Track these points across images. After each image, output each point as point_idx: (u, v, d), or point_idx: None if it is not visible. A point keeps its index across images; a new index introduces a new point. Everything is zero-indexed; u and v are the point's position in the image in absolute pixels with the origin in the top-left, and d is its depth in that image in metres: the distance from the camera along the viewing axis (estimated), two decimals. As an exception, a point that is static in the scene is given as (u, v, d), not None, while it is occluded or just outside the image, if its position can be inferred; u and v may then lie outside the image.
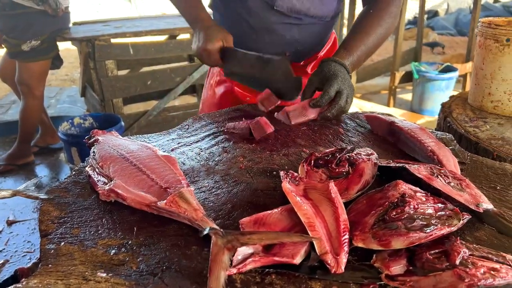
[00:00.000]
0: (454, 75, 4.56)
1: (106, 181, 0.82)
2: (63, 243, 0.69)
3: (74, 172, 0.92)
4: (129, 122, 3.49)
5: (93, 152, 0.91)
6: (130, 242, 0.69)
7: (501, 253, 0.64)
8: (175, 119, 3.73)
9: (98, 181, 0.83)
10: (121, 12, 9.92)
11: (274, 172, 0.89)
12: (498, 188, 0.86)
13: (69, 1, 3.11)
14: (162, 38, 4.08)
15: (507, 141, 1.13)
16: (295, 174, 0.80)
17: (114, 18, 4.36)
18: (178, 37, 4.05)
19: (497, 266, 0.61)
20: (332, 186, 0.74)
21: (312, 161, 0.86)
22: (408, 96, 5.09)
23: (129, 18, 4.52)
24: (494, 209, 0.75)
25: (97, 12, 9.76)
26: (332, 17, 1.40)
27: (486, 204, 0.76)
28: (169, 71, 3.59)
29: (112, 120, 3.10)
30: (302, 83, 1.22)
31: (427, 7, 5.39)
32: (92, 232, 0.72)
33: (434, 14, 9.26)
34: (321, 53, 1.49)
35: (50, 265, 0.64)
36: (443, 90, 4.51)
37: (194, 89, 4.50)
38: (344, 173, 0.82)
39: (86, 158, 0.97)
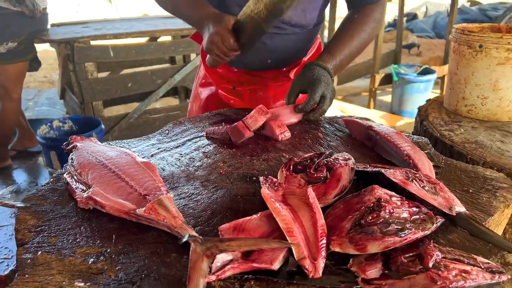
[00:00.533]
0: (432, 77, 4.65)
1: (84, 188, 0.81)
2: (40, 252, 0.69)
3: (51, 179, 0.91)
4: (110, 125, 3.45)
5: (71, 158, 0.90)
6: (108, 250, 0.69)
7: (472, 255, 0.66)
8: (156, 121, 3.71)
9: (76, 188, 0.83)
10: (101, 13, 9.80)
11: (254, 178, 0.90)
12: (470, 191, 0.89)
13: (47, 2, 3.07)
14: (143, 40, 4.05)
15: (480, 145, 1.16)
16: (274, 179, 0.81)
17: (93, 19, 4.30)
18: (159, 39, 4.03)
19: (468, 268, 0.63)
20: (310, 191, 0.75)
21: (291, 167, 0.87)
22: (388, 98, 5.17)
23: (109, 19, 4.47)
24: (467, 212, 0.78)
25: (76, 13, 9.62)
26: (314, 25, 1.41)
27: (459, 207, 0.78)
28: (150, 73, 3.56)
29: (92, 123, 3.06)
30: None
31: (406, 10, 5.49)
32: (70, 241, 0.72)
33: (413, 17, 9.42)
34: (305, 58, 1.50)
35: (27, 275, 0.63)
36: (422, 92, 4.60)
37: (176, 91, 4.48)
38: (322, 178, 0.84)
39: (64, 165, 0.96)
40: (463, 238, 0.74)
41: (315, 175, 0.84)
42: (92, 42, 3.22)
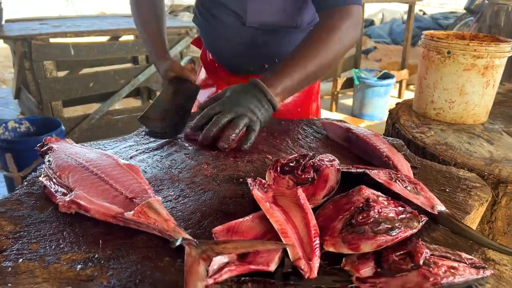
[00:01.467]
0: (392, 81, 4.82)
1: (65, 191, 0.78)
2: (21, 260, 0.65)
3: (26, 183, 0.87)
4: (70, 126, 3.32)
5: (49, 161, 0.86)
6: (96, 255, 0.66)
7: (457, 252, 0.69)
8: (119, 122, 3.61)
9: (56, 191, 0.79)
10: (56, 10, 9.40)
11: (241, 179, 0.90)
12: (447, 190, 0.93)
13: (2, -4, 2.91)
14: (103, 38, 3.93)
15: (450, 146, 1.22)
16: (263, 181, 0.81)
17: (52, 16, 4.13)
18: (122, 38, 3.93)
19: (455, 264, 0.66)
20: (301, 192, 0.75)
21: (279, 168, 0.87)
22: (349, 101, 5.31)
23: (68, 16, 4.30)
24: (447, 210, 0.81)
25: (27, 9, 9.17)
26: (308, 23, 1.40)
27: (440, 206, 0.82)
28: (113, 73, 3.47)
29: (51, 124, 2.92)
30: None
31: (364, 16, 5.68)
32: (53, 247, 0.68)
33: (370, 23, 9.74)
34: None
35: (9, 284, 0.60)
36: (381, 96, 4.76)
37: (138, 92, 4.38)
38: (310, 179, 0.84)
39: (38, 167, 0.91)
40: (446, 235, 0.77)
41: (303, 176, 0.84)
42: (51, 40, 3.09)
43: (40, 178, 0.85)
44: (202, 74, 1.57)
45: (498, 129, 1.37)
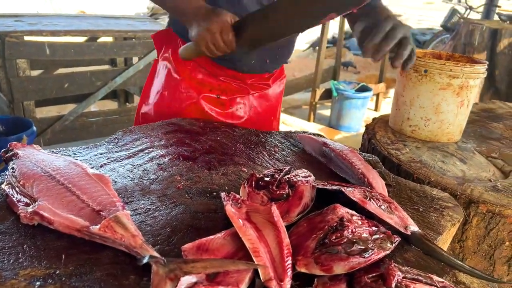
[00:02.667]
0: (369, 94, 4.89)
1: (28, 201, 0.74)
2: (-25, 275, 0.61)
3: (-14, 190, 0.82)
4: (42, 127, 3.22)
5: (12, 168, 0.82)
6: (58, 272, 0.63)
7: (429, 274, 0.69)
8: (93, 125, 3.52)
9: (18, 201, 0.75)
10: (34, 7, 9.18)
11: (214, 193, 0.88)
12: (420, 210, 0.93)
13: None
14: (81, 39, 3.84)
15: (424, 164, 1.23)
16: (237, 196, 0.79)
17: (28, 13, 4.01)
18: (100, 40, 3.85)
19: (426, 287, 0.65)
20: (275, 209, 0.74)
21: (254, 183, 0.86)
22: (327, 112, 5.35)
23: (45, 14, 4.19)
24: (420, 231, 0.81)
25: (3, 5, 8.92)
26: None
27: (413, 227, 0.81)
28: (89, 75, 3.38)
29: (22, 124, 2.83)
30: None
31: (344, 29, 5.77)
32: (11, 261, 0.64)
33: (350, 35, 9.89)
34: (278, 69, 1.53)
35: (-40, 303, 0.56)
36: (359, 108, 4.82)
37: (115, 94, 4.30)
38: (285, 195, 0.83)
39: (1, 174, 0.87)
40: (418, 257, 0.77)
41: (278, 192, 0.83)
42: (26, 38, 2.99)
43: (2, 186, 0.80)
44: (180, 85, 1.43)
45: (471, 148, 1.40)
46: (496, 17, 5.53)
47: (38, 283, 0.60)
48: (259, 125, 1.45)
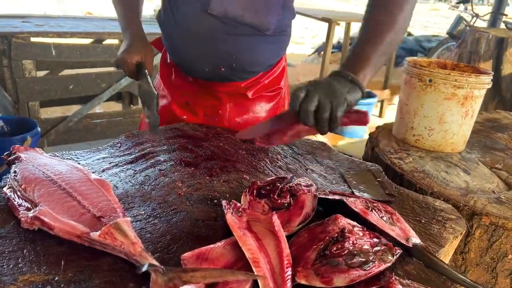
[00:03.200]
0: (374, 100, 4.88)
1: (29, 206, 0.74)
2: (-25, 279, 0.61)
3: (-12, 193, 0.82)
4: (46, 127, 3.22)
5: (15, 172, 0.82)
6: (56, 278, 0.63)
7: (430, 288, 0.68)
8: (97, 127, 3.53)
9: (19, 205, 0.75)
10: (41, 7, 9.24)
11: (215, 200, 0.87)
12: (422, 221, 0.92)
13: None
14: (87, 40, 3.86)
15: (427, 174, 1.22)
16: (238, 204, 0.79)
17: (35, 14, 4.04)
18: (105, 42, 3.86)
19: (427, 302, 0.65)
20: (276, 219, 0.73)
21: (255, 191, 0.85)
22: (331, 117, 5.33)
23: (52, 16, 4.21)
24: (422, 243, 0.80)
25: (11, 5, 8.97)
26: (274, 31, 1.32)
27: (415, 239, 0.81)
28: (94, 76, 3.39)
29: (26, 124, 2.83)
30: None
31: (350, 34, 5.78)
32: (10, 266, 0.64)
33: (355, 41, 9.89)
34: (266, 81, 1.41)
35: (-42, 308, 0.56)
36: (363, 114, 4.80)
37: (119, 96, 4.31)
38: (286, 204, 0.83)
39: (3, 177, 0.87)
40: (419, 269, 0.76)
41: (279, 201, 0.83)
42: (33, 39, 3.01)
43: (4, 189, 0.80)
44: (159, 84, 1.50)
45: (475, 159, 1.39)
46: (502, 26, 5.51)
47: (36, 289, 0.60)
48: None
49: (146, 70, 1.27)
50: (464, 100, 1.32)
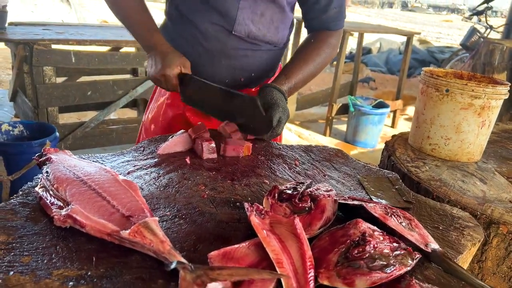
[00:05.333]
0: (386, 110, 4.88)
1: (61, 205, 0.77)
2: (12, 273, 0.64)
3: (21, 193, 0.86)
4: (64, 132, 3.30)
5: (47, 172, 0.85)
6: (89, 273, 0.65)
7: (450, 292, 0.69)
8: (113, 133, 3.59)
9: (52, 204, 0.78)
10: (59, 15, 9.44)
11: (238, 203, 0.90)
12: (440, 228, 0.93)
13: (8, 0, 2.92)
14: (104, 48, 3.94)
15: (444, 183, 1.23)
16: (261, 207, 0.81)
17: (54, 22, 4.14)
18: (122, 49, 3.94)
19: (448, 305, 0.66)
20: (298, 222, 0.75)
21: (276, 195, 0.88)
22: (343, 127, 5.35)
23: (71, 24, 4.32)
24: (440, 249, 0.81)
25: (32, 13, 9.19)
26: (284, 44, 1.48)
27: (433, 244, 0.82)
28: (111, 83, 3.46)
29: (45, 129, 2.90)
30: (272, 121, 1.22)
31: (363, 44, 5.81)
32: (45, 261, 0.67)
33: (368, 51, 9.92)
34: (269, 81, 1.53)
35: (-2, 298, 0.59)
36: (375, 124, 4.81)
37: (135, 103, 4.37)
38: (307, 208, 0.85)
39: (34, 177, 0.91)
40: (438, 274, 0.77)
41: (300, 205, 0.85)
42: (53, 46, 3.09)
43: (36, 189, 0.84)
44: (168, 92, 1.51)
45: (491, 169, 1.40)
46: (517, 37, 5.48)
47: (71, 283, 0.63)
48: None
49: (192, 75, 1.30)
50: (481, 110, 1.33)
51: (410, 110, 6.28)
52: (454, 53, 8.19)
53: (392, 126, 5.66)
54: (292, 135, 4.99)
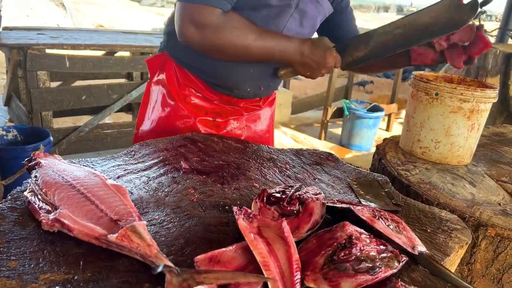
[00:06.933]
0: (381, 114, 4.91)
1: (50, 209, 0.77)
2: (-2, 277, 0.64)
3: (10, 197, 0.86)
4: (58, 137, 3.29)
5: (35, 176, 0.86)
6: (76, 277, 0.66)
7: (435, 294, 0.70)
8: (108, 137, 3.59)
9: (40, 208, 0.78)
10: (54, 19, 9.43)
11: (227, 207, 0.90)
12: (428, 230, 0.94)
13: (2, 4, 2.93)
14: (99, 52, 3.94)
15: (433, 186, 1.24)
16: (249, 210, 0.81)
17: (49, 26, 4.14)
18: (117, 54, 3.95)
19: (432, 307, 0.67)
20: (285, 225, 0.76)
21: (265, 198, 0.88)
22: (338, 131, 5.37)
23: (66, 28, 4.32)
24: (427, 251, 0.82)
25: (27, 17, 9.17)
26: None
27: (420, 247, 0.83)
28: (106, 87, 3.47)
29: (39, 134, 2.90)
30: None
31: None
32: (32, 266, 0.67)
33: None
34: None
35: (-16, 303, 0.59)
36: (370, 128, 4.83)
37: (130, 107, 4.38)
38: (295, 211, 0.85)
39: (23, 182, 0.91)
40: (425, 277, 0.78)
41: (288, 208, 0.85)
42: (48, 51, 3.09)
43: (25, 193, 0.84)
44: (171, 103, 1.45)
45: (481, 172, 1.41)
46: (510, 41, 5.53)
47: (57, 287, 0.63)
48: (256, 141, 1.50)
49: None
50: (470, 113, 1.34)
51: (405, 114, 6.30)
52: (449, 57, 8.23)
53: (387, 129, 5.68)
54: (287, 138, 5.01)
